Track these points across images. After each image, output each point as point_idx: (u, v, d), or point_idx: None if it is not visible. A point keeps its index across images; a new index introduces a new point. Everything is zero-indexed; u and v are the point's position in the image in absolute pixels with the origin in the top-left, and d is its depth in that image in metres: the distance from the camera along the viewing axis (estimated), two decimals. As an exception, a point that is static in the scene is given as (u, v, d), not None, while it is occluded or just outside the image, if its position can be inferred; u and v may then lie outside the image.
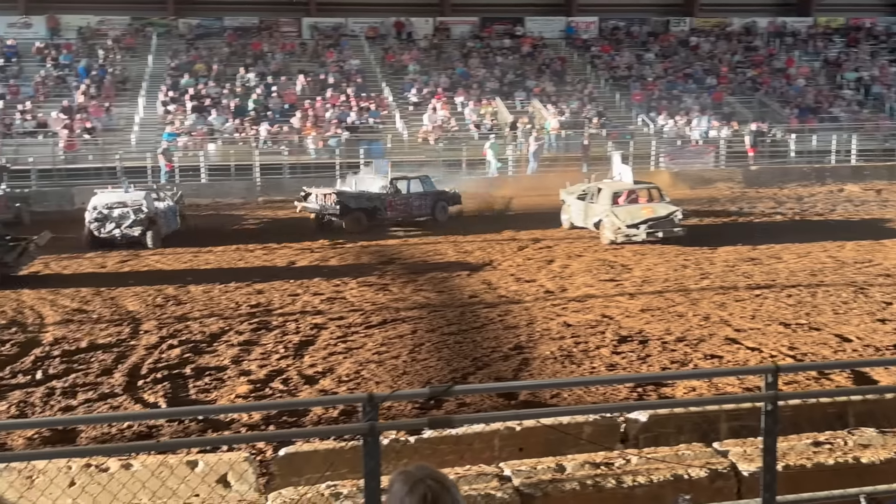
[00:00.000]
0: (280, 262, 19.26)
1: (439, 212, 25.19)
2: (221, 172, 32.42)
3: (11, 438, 8.72)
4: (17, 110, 35.27)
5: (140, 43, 42.08)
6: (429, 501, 2.46)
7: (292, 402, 10.37)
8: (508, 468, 5.44)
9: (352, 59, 41.74)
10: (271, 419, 9.16)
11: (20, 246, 17.66)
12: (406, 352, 11.95)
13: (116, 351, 12.27)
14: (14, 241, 17.95)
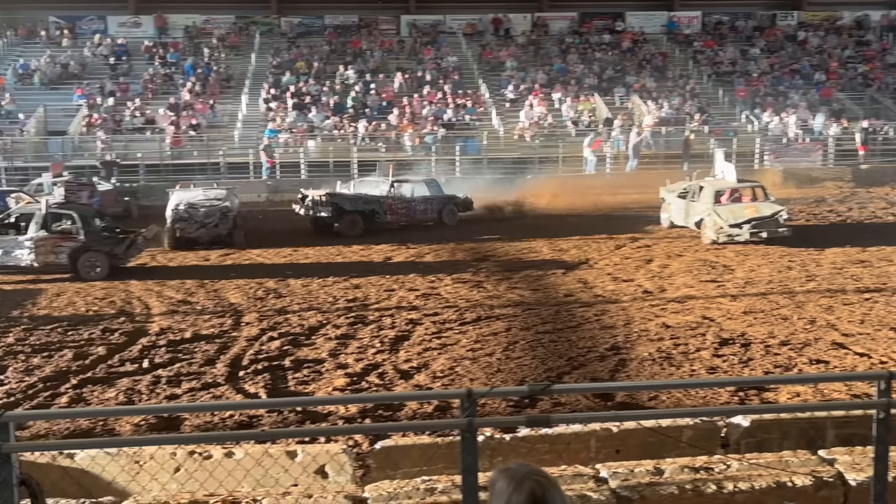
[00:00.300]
0: (376, 258, 19.50)
1: (447, 216, 24.51)
2: (320, 168, 32.99)
3: (119, 424, 9.07)
4: (126, 107, 36.62)
5: (244, 41, 43.18)
6: (538, 496, 2.45)
7: (391, 396, 10.48)
8: (605, 469, 5.39)
9: (449, 56, 41.93)
10: (367, 412, 9.29)
11: (129, 238, 18.38)
12: (500, 349, 11.95)
13: (219, 342, 12.63)
14: (123, 233, 18.70)
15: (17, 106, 36.60)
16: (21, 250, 17.55)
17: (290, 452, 6.21)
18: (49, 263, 17.64)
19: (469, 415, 3.85)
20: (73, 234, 17.78)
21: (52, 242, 17.61)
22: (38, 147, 34.43)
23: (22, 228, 17.91)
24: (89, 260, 17.65)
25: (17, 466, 3.87)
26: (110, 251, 17.83)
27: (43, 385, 10.73)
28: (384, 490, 5.24)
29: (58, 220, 18.04)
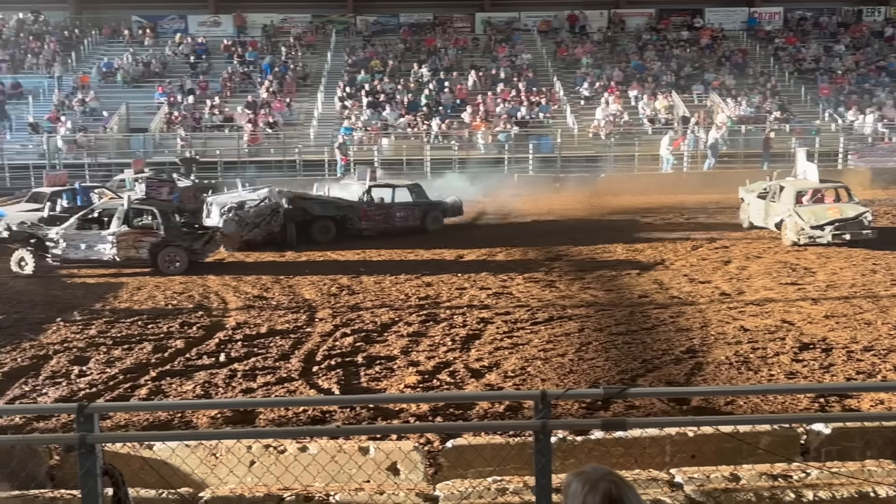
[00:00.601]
0: (448, 256, 19.55)
1: (431, 222, 23.40)
2: (394, 166, 33.22)
3: (196, 417, 9.28)
4: (205, 105, 37.42)
5: (320, 40, 43.76)
6: (614, 497, 2.44)
7: (465, 395, 10.50)
8: (680, 475, 5.32)
9: (524, 54, 41.82)
10: (438, 410, 9.33)
11: (207, 234, 18.82)
12: (573, 350, 11.87)
13: (293, 337, 12.82)
14: (202, 229, 19.14)
15: (101, 104, 37.71)
16: (103, 245, 18.12)
17: (363, 448, 6.28)
18: (130, 258, 18.17)
19: (543, 416, 3.84)
20: (154, 230, 18.27)
21: (133, 237, 18.12)
22: (121, 144, 35.42)
23: (105, 223, 18.48)
24: (169, 255, 18.12)
25: (100, 457, 3.99)
26: (189, 247, 18.28)
27: (123, 377, 11.04)
28: (456, 489, 5.26)
29: (139, 216, 18.57)
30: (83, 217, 18.75)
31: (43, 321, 14.07)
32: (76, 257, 18.32)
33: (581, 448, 5.80)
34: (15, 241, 18.47)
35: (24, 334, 13.24)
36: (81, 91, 38.62)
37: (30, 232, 18.55)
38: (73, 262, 18.46)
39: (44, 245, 18.30)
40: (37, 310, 15.03)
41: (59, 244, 18.21)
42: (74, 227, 18.41)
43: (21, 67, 41.23)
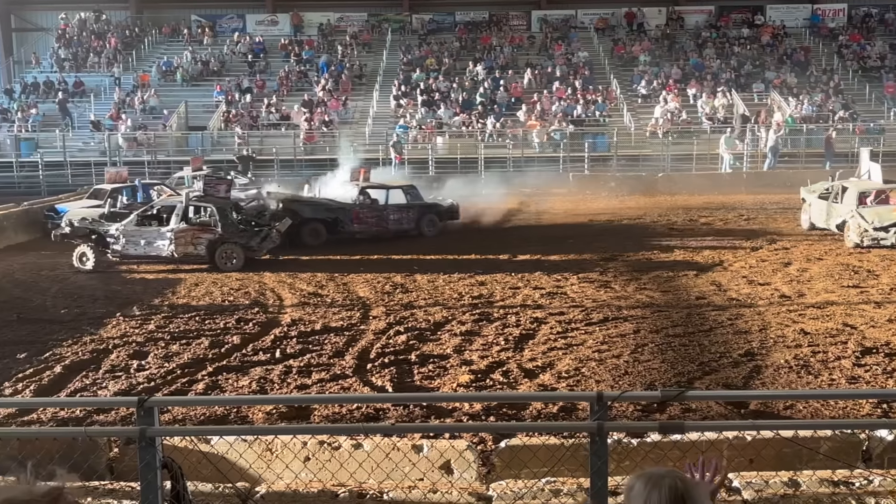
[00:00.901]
0: (502, 256, 19.52)
1: (427, 226, 22.58)
2: (448, 165, 33.29)
3: (252, 412, 9.41)
4: (262, 103, 37.89)
5: (375, 39, 44.03)
6: (680, 492, 2.42)
7: (520, 396, 10.45)
8: (738, 479, 5.26)
9: (580, 51, 41.59)
10: (491, 410, 9.33)
11: (263, 231, 19.01)
12: (628, 351, 11.77)
13: (347, 334, 12.92)
14: (258, 226, 19.35)
15: (161, 102, 38.42)
16: (162, 241, 18.41)
17: (416, 446, 6.31)
18: (188, 254, 18.43)
19: (599, 418, 3.82)
20: (211, 227, 18.53)
21: (191, 234, 18.39)
22: (180, 141, 36.06)
23: (163, 220, 18.80)
24: (226, 252, 18.36)
25: (160, 450, 4.07)
26: (246, 243, 18.51)
27: (181, 371, 11.23)
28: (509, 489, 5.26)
29: (197, 213, 18.85)
30: (142, 213, 19.09)
31: (103, 316, 14.38)
32: (135, 253, 18.63)
33: (637, 451, 5.76)
34: (76, 237, 18.86)
35: (85, 328, 13.54)
36: (141, 89, 39.38)
37: (90, 228, 18.92)
38: (133, 258, 18.78)
39: (104, 241, 18.64)
40: (97, 304, 15.36)
41: (118, 240, 18.53)
42: (134, 223, 18.73)
43: (83, 66, 42.18)
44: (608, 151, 34.38)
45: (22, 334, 13.29)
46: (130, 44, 43.72)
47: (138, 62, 42.47)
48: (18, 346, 12.55)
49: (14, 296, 16.37)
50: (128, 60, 42.28)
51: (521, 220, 25.01)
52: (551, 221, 25.01)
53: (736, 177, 31.78)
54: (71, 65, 42.25)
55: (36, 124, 37.12)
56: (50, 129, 36.36)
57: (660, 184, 31.02)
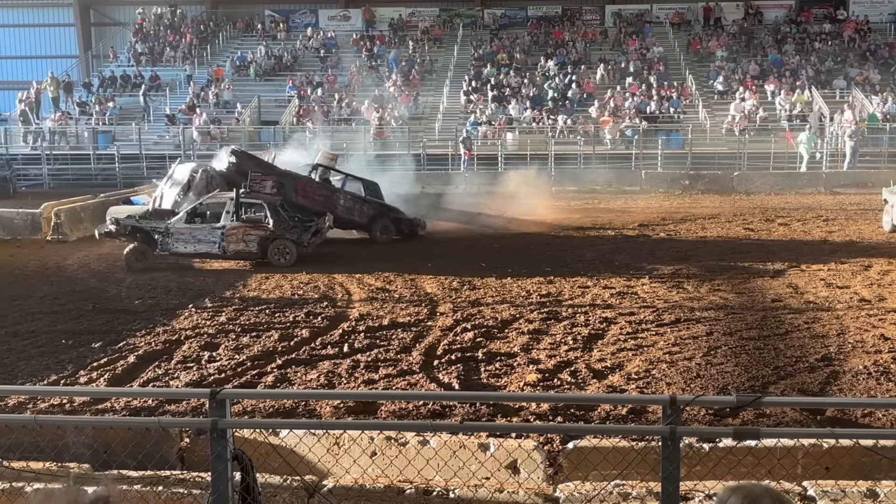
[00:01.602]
0: (570, 254, 19.38)
1: (379, 229, 21.40)
2: (518, 161, 33.19)
3: (319, 406, 9.52)
4: (334, 98, 38.28)
5: (447, 34, 44.11)
6: None
7: (589, 397, 10.37)
8: (814, 488, 5.14)
9: (655, 47, 41.07)
10: (558, 410, 9.27)
11: (313, 226, 19.05)
12: (700, 354, 11.58)
13: (415, 330, 12.97)
14: (307, 221, 19.37)
15: (234, 96, 39.08)
16: (213, 238, 18.23)
17: (483, 445, 6.31)
18: (239, 251, 18.31)
19: (672, 422, 3.77)
20: (263, 223, 18.47)
21: (242, 231, 18.27)
22: (252, 136, 36.64)
23: (214, 217, 18.59)
24: (278, 248, 18.35)
25: (231, 441, 4.14)
26: (297, 239, 18.55)
27: (251, 364, 11.42)
28: (577, 491, 5.23)
29: (248, 210, 18.72)
30: (192, 210, 18.74)
31: (176, 307, 14.70)
32: (185, 251, 18.39)
33: (710, 456, 5.67)
34: (121, 236, 18.62)
35: (158, 319, 13.87)
36: (215, 84, 40.11)
37: (137, 225, 18.55)
38: (182, 256, 18.57)
39: (151, 238, 18.36)
40: (170, 296, 15.70)
41: (167, 238, 18.25)
42: (183, 220, 18.45)
43: (159, 60, 43.14)
44: (682, 149, 33.88)
45: (97, 324, 13.66)
46: (205, 38, 44.57)
47: (212, 57, 43.28)
48: (93, 335, 12.91)
49: (90, 286, 16.84)
50: (202, 55, 43.12)
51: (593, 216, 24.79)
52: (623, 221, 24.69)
53: (815, 176, 31.04)
54: (147, 59, 43.25)
55: (113, 117, 38.10)
56: (126, 123, 37.30)
57: (735, 183, 30.48)
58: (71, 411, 9.35)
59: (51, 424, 6.71)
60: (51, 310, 14.68)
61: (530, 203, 27.47)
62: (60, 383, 10.65)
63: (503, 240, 21.48)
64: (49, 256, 19.66)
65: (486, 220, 24.07)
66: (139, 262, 18.25)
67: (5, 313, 14.43)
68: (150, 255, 18.35)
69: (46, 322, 13.80)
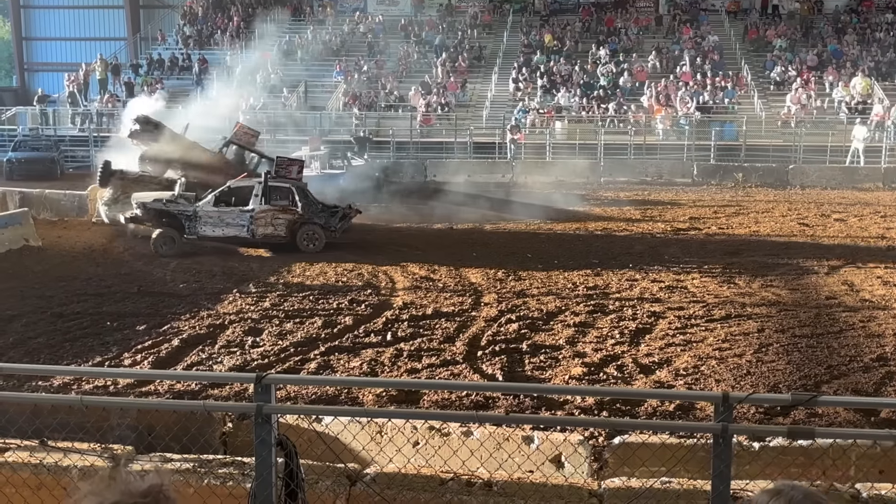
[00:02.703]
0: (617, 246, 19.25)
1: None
2: (566, 150, 33.00)
3: (362, 394, 9.59)
4: (381, 84, 38.34)
5: (496, 20, 43.90)
6: None
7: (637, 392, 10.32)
8: (866, 490, 5.05)
9: (710, 35, 40.51)
10: (603, 405, 9.23)
11: (341, 211, 18.98)
12: (751, 351, 11.46)
13: (458, 320, 13.00)
14: (334, 207, 19.28)
15: (282, 80, 39.31)
16: (241, 222, 18.31)
17: (527, 437, 6.31)
18: (268, 236, 18.38)
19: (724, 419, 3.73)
20: (291, 208, 18.53)
21: (271, 215, 18.34)
22: (298, 121, 36.80)
23: (241, 202, 18.51)
24: (307, 233, 18.39)
25: (275, 427, 4.18)
26: (325, 224, 18.57)
27: (294, 350, 11.53)
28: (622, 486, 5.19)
29: (276, 194, 18.62)
30: (219, 195, 18.69)
31: (220, 291, 14.88)
32: (213, 234, 18.44)
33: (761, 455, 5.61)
34: (148, 220, 18.64)
35: (202, 303, 14.05)
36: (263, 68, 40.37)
37: (164, 209, 18.56)
38: (210, 240, 18.61)
39: (179, 223, 18.41)
40: (215, 280, 15.90)
41: (195, 221, 18.33)
42: (211, 204, 18.47)
43: (207, 43, 43.53)
44: (736, 140, 33.42)
45: (142, 306, 13.88)
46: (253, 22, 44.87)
47: (260, 40, 43.56)
48: (138, 317, 13.12)
49: (135, 268, 17.10)
50: (250, 38, 43.42)
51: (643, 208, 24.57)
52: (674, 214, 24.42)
53: (873, 171, 30.43)
54: (195, 42, 43.67)
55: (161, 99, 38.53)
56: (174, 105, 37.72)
57: (790, 176, 30.01)
58: (115, 393, 9.52)
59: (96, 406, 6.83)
60: (96, 291, 14.94)
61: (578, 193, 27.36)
62: (105, 365, 10.84)
63: (549, 230, 21.41)
64: (95, 238, 19.99)
65: (532, 210, 23.99)
66: (167, 247, 18.24)
67: (52, 294, 14.72)
68: (178, 241, 18.34)
69: (92, 304, 14.05)
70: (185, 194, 19.35)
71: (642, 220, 22.83)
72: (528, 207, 24.22)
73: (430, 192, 26.41)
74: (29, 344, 11.80)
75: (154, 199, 18.95)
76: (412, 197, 25.77)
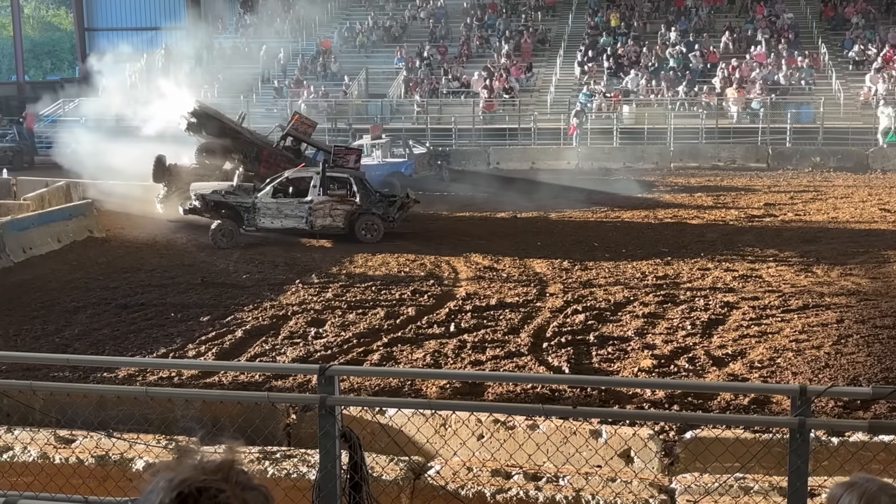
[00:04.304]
0: (689, 234, 19.01)
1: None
2: (634, 135, 32.65)
3: (426, 386, 9.65)
4: (443, 70, 38.35)
5: (561, 1, 43.53)
6: None
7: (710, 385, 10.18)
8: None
9: (785, 13, 39.67)
10: (674, 398, 9.15)
11: (399, 201, 19.06)
12: (829, 343, 11.24)
13: (523, 311, 12.98)
14: (391, 197, 19.40)
15: (342, 68, 39.59)
16: (300, 213, 18.49)
17: (595, 432, 6.29)
18: (326, 226, 18.52)
19: (801, 413, 3.67)
20: (350, 198, 18.62)
21: (329, 206, 18.48)
22: (360, 109, 37.05)
23: (300, 192, 18.65)
24: (366, 223, 18.50)
25: (339, 419, 4.24)
26: (384, 214, 18.65)
27: (357, 341, 11.64)
28: (694, 483, 5.15)
29: (334, 184, 18.75)
30: (277, 185, 18.84)
31: (283, 282, 15.08)
32: (272, 226, 18.65)
33: (840, 451, 5.50)
34: (206, 212, 18.85)
35: (265, 294, 14.26)
36: (323, 55, 40.70)
37: (223, 200, 18.77)
38: (268, 232, 18.80)
39: (238, 214, 18.62)
40: (278, 271, 16.11)
41: (254, 212, 18.53)
42: (270, 195, 18.65)
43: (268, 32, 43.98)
44: (813, 123, 32.70)
45: (206, 297, 14.15)
46: (313, 9, 45.19)
47: (320, 27, 43.88)
48: (202, 308, 13.38)
49: (199, 259, 17.42)
50: (310, 26, 43.76)
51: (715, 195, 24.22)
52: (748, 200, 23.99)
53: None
54: (255, 30, 44.18)
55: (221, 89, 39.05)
56: (234, 95, 38.22)
57: (871, 160, 29.28)
58: (179, 384, 9.72)
59: (161, 397, 6.99)
60: (160, 283, 15.26)
61: (646, 180, 27.08)
62: (169, 356, 11.07)
63: (617, 218, 21.23)
64: (158, 229, 20.39)
65: (598, 197, 23.83)
66: (226, 239, 18.39)
67: (116, 285, 15.08)
68: (237, 233, 18.54)
69: (156, 295, 14.36)
70: (244, 185, 19.55)
71: (714, 207, 22.50)
72: (594, 195, 24.06)
73: (493, 180, 26.38)
74: (94, 335, 12.12)
75: (212, 191, 19.19)
76: (475, 185, 25.79)
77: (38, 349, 11.33)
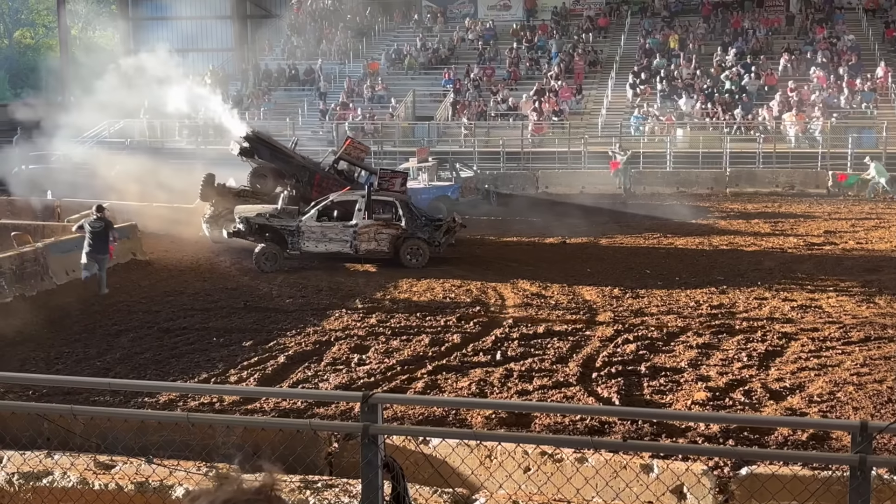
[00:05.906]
0: (745, 261, 18.79)
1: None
2: (688, 160, 32.43)
3: (471, 415, 9.62)
4: (491, 93, 38.48)
5: (614, 22, 43.57)
6: None
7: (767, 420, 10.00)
8: None
9: (846, 35, 39.27)
10: (730, 432, 9.03)
11: (445, 225, 19.10)
12: (892, 377, 11.03)
13: (572, 340, 12.91)
14: (437, 220, 19.45)
15: (389, 91, 39.92)
16: (344, 237, 18.59)
17: (646, 466, 6.22)
18: (371, 251, 18.62)
19: (862, 451, 3.61)
20: (395, 222, 18.71)
21: (374, 230, 18.59)
22: (406, 132, 37.28)
23: (344, 216, 18.76)
24: (411, 248, 18.57)
25: (382, 448, 4.24)
26: (429, 238, 18.70)
27: (401, 368, 11.66)
28: (750, 522, 5.07)
29: (379, 208, 18.87)
30: (322, 209, 18.96)
31: (326, 307, 15.17)
32: (316, 250, 18.74)
33: None
34: (251, 235, 18.97)
35: (308, 319, 14.36)
36: (370, 78, 41.07)
37: (267, 224, 18.93)
38: (313, 255, 18.88)
39: (282, 238, 18.75)
40: (321, 296, 16.21)
41: (298, 236, 18.64)
42: (314, 218, 18.79)
43: (314, 54, 44.58)
44: (876, 147, 32.22)
45: (248, 322, 14.27)
46: (361, 31, 45.69)
47: (368, 49, 44.33)
48: (244, 333, 13.50)
49: (242, 283, 17.60)
50: (357, 48, 44.23)
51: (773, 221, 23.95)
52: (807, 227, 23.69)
53: None
54: (302, 52, 44.76)
55: (268, 111, 39.62)
56: (281, 117, 38.71)
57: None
58: (220, 410, 9.80)
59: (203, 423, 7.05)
60: (203, 307, 15.43)
61: (701, 205, 26.86)
62: (211, 381, 11.18)
63: (670, 245, 21.07)
64: (202, 253, 20.64)
65: (650, 223, 23.68)
66: (270, 263, 18.53)
67: (158, 309, 15.28)
68: (280, 257, 18.66)
69: (198, 319, 14.52)
70: (288, 208, 19.71)
71: (772, 234, 22.23)
72: (646, 220, 23.92)
73: (542, 204, 26.33)
74: (136, 359, 12.29)
75: (257, 214, 19.36)
76: (523, 209, 25.78)
77: (79, 372, 11.51)
